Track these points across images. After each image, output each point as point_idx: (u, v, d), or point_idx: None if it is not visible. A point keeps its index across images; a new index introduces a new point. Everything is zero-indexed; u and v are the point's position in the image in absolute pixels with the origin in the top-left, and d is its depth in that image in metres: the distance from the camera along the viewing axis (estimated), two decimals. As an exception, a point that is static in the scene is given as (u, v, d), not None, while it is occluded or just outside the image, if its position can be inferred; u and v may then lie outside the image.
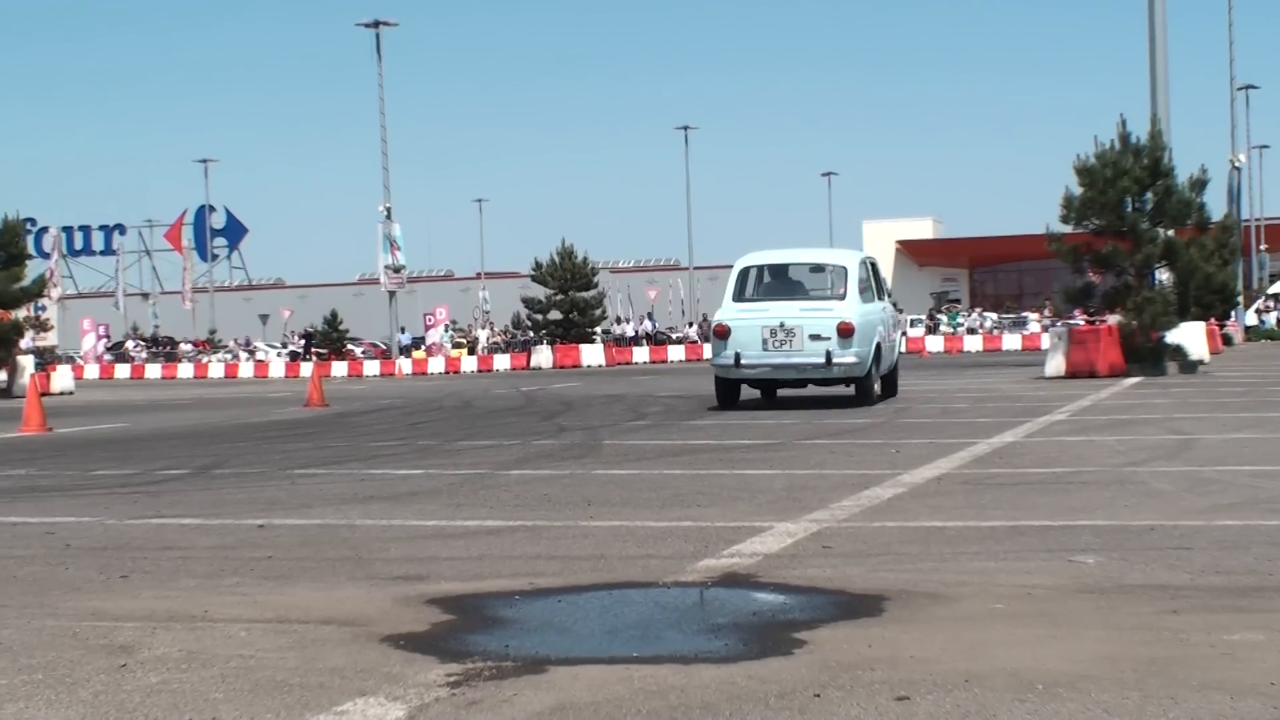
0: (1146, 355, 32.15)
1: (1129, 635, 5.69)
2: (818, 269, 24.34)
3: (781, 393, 25.12)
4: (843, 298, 23.00)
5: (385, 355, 78.71)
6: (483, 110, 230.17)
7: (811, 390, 25.18)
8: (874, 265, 25.11)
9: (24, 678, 5.37)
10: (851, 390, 23.29)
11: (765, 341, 22.60)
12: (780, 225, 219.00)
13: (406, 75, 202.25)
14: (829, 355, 22.25)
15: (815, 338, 22.39)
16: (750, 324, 22.67)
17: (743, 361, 22.63)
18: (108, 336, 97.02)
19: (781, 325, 22.56)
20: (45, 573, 8.04)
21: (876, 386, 23.37)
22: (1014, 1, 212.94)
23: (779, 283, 23.99)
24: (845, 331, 22.34)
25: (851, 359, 22.41)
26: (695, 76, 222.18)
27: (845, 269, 23.54)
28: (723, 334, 22.80)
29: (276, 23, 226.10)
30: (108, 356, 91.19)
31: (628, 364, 72.38)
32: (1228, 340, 57.24)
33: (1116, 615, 6.09)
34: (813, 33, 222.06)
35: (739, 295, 23.54)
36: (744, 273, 23.89)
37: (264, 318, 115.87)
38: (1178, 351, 32.94)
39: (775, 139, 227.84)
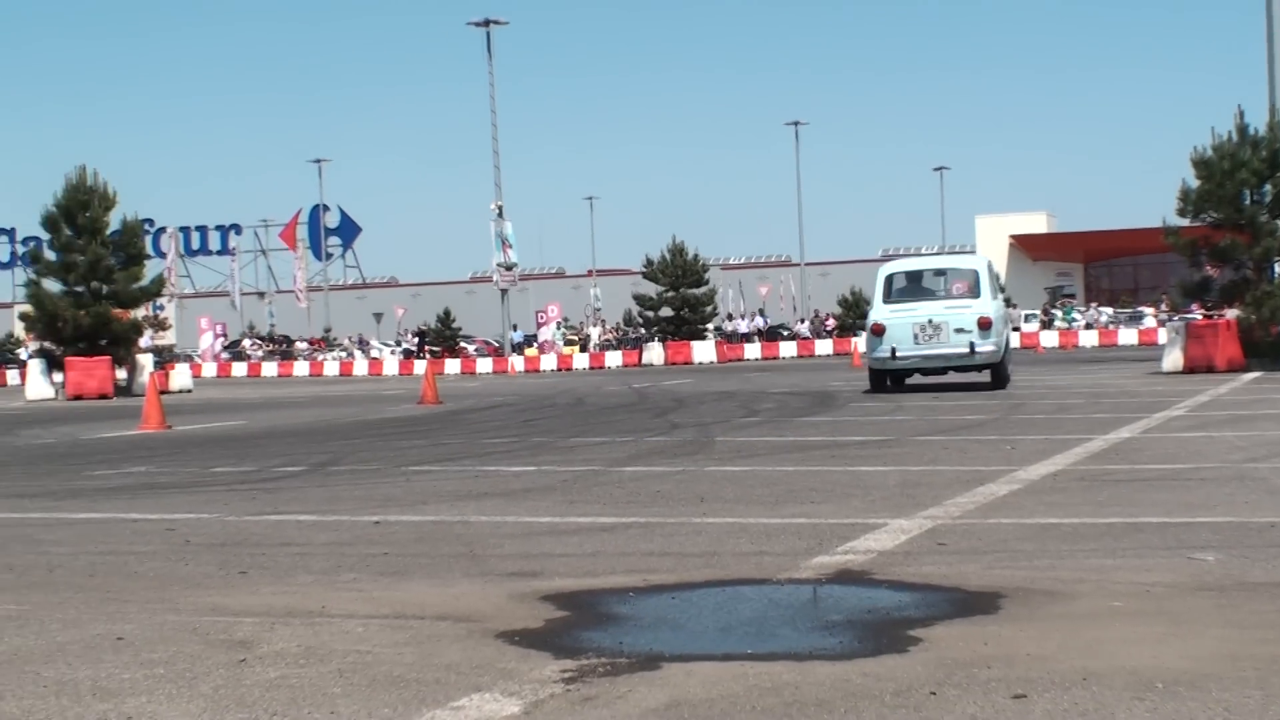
0: (1266, 350, 31.74)
1: (1250, 633, 5.61)
2: (953, 272, 27.85)
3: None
4: (978, 296, 26.43)
5: (498, 353, 79.16)
6: (593, 107, 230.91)
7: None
8: (991, 266, 28.17)
9: (145, 672, 5.45)
10: (986, 377, 26.60)
11: (916, 336, 26.02)
12: (892, 221, 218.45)
13: (517, 73, 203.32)
14: (972, 346, 25.72)
15: (960, 331, 25.82)
16: (902, 322, 26.12)
17: (898, 354, 26.15)
18: (224, 335, 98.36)
19: (930, 322, 26.02)
20: (165, 568, 8.14)
21: (1007, 372, 27.02)
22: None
23: (920, 285, 27.53)
24: (985, 325, 25.78)
25: (991, 348, 25.87)
26: (806, 72, 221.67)
27: (977, 271, 27.13)
28: (879, 331, 26.26)
29: (388, 22, 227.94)
30: (225, 355, 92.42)
31: (739, 360, 72.32)
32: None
33: (1237, 613, 6.01)
34: (924, 27, 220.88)
35: (888, 298, 26.94)
36: (889, 278, 27.48)
37: (378, 316, 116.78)
38: (1298, 346, 32.47)
39: (886, 134, 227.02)
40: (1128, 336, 73.99)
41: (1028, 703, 4.68)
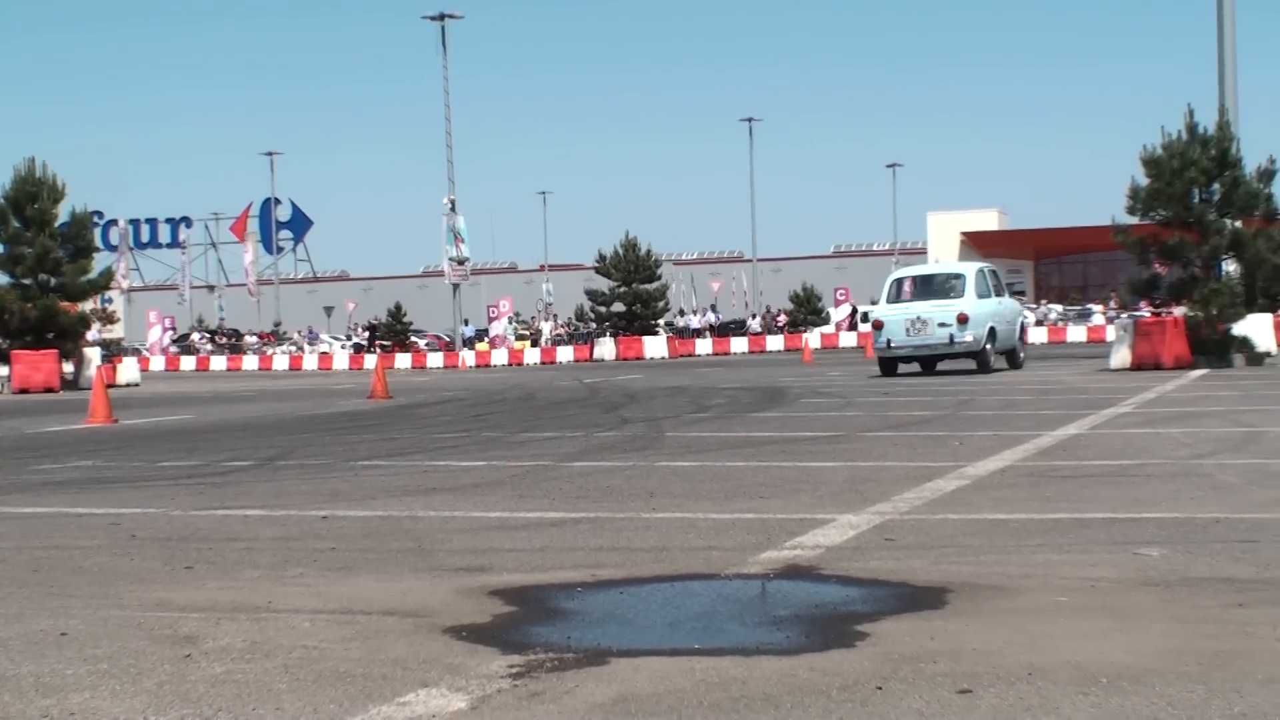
0: (1213, 347, 31.96)
1: (1194, 628, 5.65)
2: (944, 276, 33.98)
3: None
4: (961, 296, 31.94)
5: (449, 347, 79.00)
6: (547, 103, 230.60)
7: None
8: (993, 272, 34.08)
9: (89, 668, 5.42)
10: (973, 364, 32.01)
11: (907, 329, 31.74)
12: (845, 217, 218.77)
13: (471, 68, 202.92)
14: (951, 337, 31.28)
15: (942, 325, 31.37)
16: (897, 318, 31.97)
17: (892, 344, 31.92)
18: (173, 329, 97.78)
19: (919, 318, 31.72)
20: (111, 563, 8.10)
21: (991, 359, 31.98)
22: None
23: (919, 288, 33.17)
24: (962, 320, 31.21)
25: (969, 338, 31.28)
26: (759, 69, 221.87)
27: (964, 275, 32.89)
28: (879, 326, 32.14)
29: (342, 16, 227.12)
30: (173, 348, 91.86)
31: (691, 356, 72.38)
32: (1295, 332, 56.74)
33: (1181, 608, 6.04)
34: (877, 25, 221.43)
35: (890, 299, 32.81)
36: (895, 282, 33.70)
37: (328, 310, 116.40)
38: (1244, 343, 32.73)
39: (840, 131, 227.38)
40: (1076, 333, 74.33)
41: (973, 697, 4.69)
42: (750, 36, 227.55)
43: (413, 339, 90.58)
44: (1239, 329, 32.99)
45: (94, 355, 44.78)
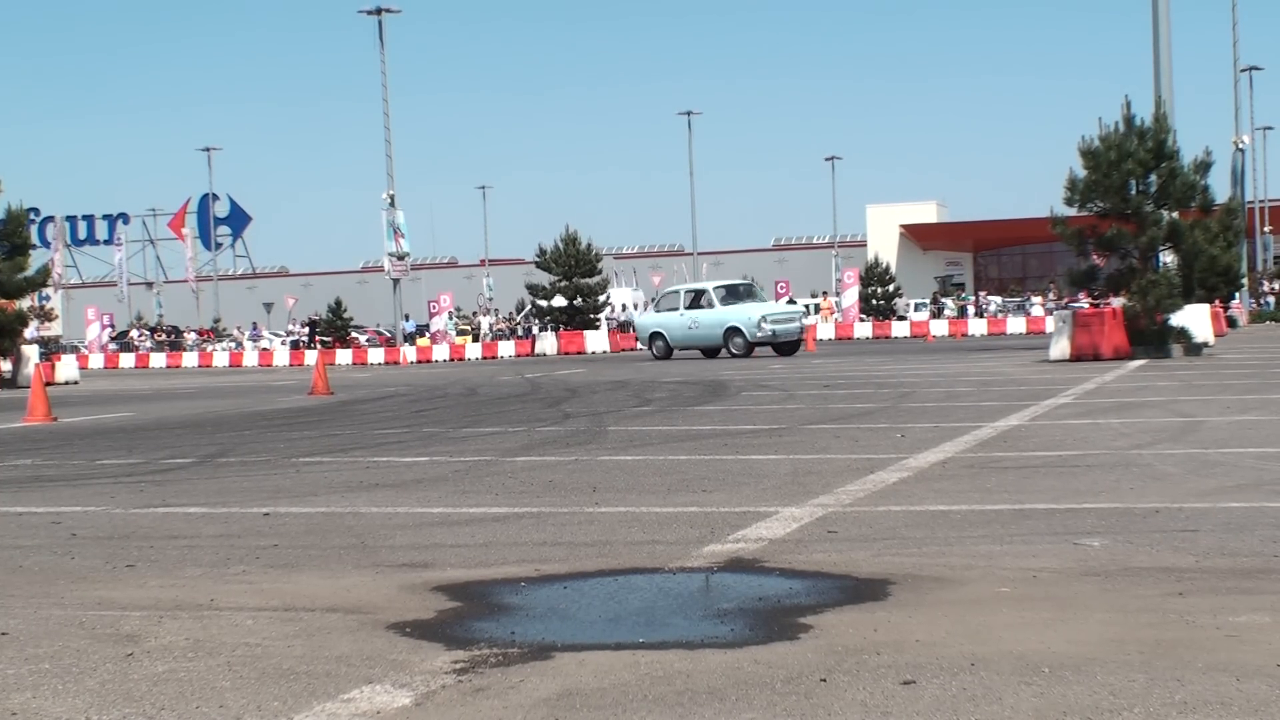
0: (1151, 338, 32.15)
1: (1135, 618, 5.69)
2: None
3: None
4: None
5: (390, 343, 78.76)
6: (486, 97, 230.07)
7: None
8: None
9: (30, 667, 5.38)
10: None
11: None
12: (785, 210, 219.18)
13: (410, 63, 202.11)
14: None
15: None
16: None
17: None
18: (112, 326, 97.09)
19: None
20: (51, 562, 8.05)
21: None
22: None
23: None
24: None
25: None
26: (699, 62, 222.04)
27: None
28: None
29: (280, 10, 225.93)
30: (112, 346, 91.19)
31: (632, 350, 72.36)
32: (1232, 322, 57.30)
33: (1122, 598, 6.09)
34: (816, 17, 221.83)
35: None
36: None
37: (268, 306, 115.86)
38: (1182, 334, 32.93)
39: (779, 124, 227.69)
40: (1015, 325, 74.70)
41: (917, 688, 4.71)
42: (689, 30, 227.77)
43: (353, 335, 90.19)
44: (1177, 319, 33.20)
45: (32, 353, 44.40)
